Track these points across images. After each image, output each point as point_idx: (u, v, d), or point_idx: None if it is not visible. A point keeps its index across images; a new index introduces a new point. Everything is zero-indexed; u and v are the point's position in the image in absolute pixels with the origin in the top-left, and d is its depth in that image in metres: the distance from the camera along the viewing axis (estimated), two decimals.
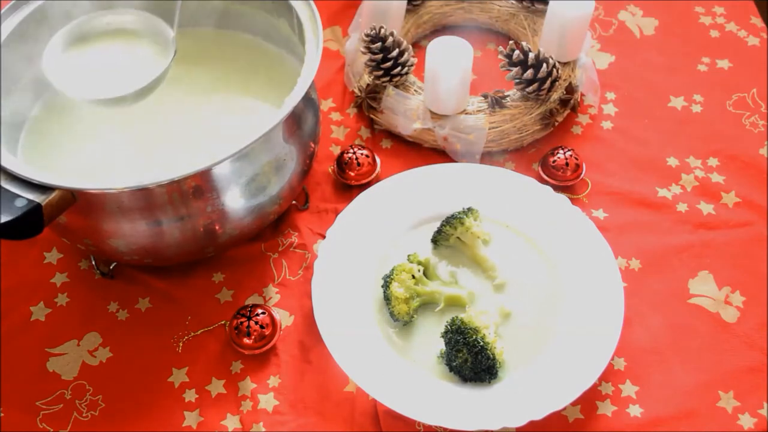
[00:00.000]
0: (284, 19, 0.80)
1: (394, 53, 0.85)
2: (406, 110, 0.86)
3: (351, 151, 0.84)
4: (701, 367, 0.72)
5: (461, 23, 0.99)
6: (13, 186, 0.63)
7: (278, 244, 0.81)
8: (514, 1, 0.96)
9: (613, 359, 0.72)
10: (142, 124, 0.79)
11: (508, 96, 0.87)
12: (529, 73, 0.83)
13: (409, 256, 0.76)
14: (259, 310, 0.73)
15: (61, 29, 0.74)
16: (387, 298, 0.73)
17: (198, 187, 0.67)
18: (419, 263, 0.75)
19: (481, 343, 0.68)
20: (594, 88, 0.91)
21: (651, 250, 0.80)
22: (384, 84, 0.87)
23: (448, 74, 0.81)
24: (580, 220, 0.78)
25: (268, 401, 0.71)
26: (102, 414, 0.71)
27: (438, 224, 0.79)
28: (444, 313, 0.74)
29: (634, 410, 0.70)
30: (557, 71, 0.84)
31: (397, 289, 0.72)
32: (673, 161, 0.87)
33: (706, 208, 0.83)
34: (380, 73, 0.86)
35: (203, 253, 0.75)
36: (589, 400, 0.70)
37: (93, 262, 0.79)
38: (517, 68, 0.84)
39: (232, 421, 0.70)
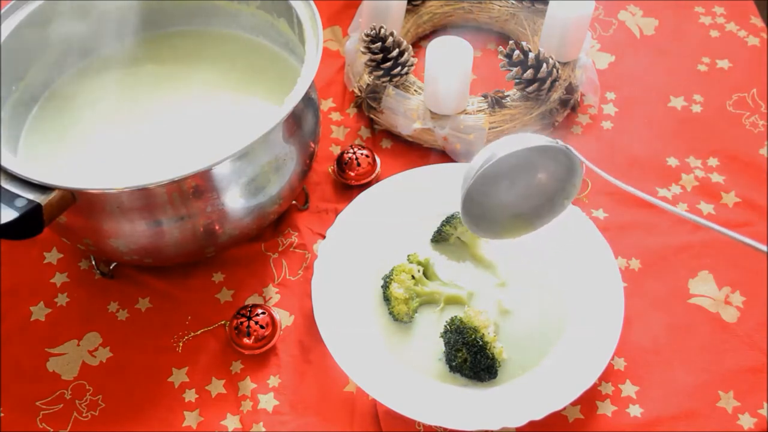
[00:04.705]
0: (284, 19, 0.80)
1: (394, 53, 0.85)
2: (406, 110, 0.86)
3: (351, 151, 0.84)
4: (701, 367, 0.72)
5: (461, 23, 0.99)
6: (13, 186, 0.62)
7: (278, 244, 0.81)
8: (514, 1, 0.96)
9: (613, 359, 0.72)
10: (142, 124, 0.79)
11: (508, 96, 0.87)
12: (529, 73, 0.83)
13: (408, 256, 0.76)
14: (259, 310, 0.73)
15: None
16: (387, 299, 0.73)
17: (198, 187, 0.67)
18: (419, 263, 0.75)
19: (480, 343, 0.68)
20: (594, 88, 0.91)
21: (651, 250, 0.80)
22: (384, 84, 0.87)
23: (448, 74, 0.81)
24: (580, 220, 0.78)
25: (268, 401, 0.71)
26: (102, 414, 0.71)
27: (438, 224, 0.79)
28: (444, 313, 0.74)
29: (634, 410, 0.70)
30: (557, 71, 0.84)
31: (396, 290, 0.72)
32: (673, 161, 0.87)
33: (706, 208, 0.83)
34: (380, 73, 0.86)
35: (203, 253, 0.75)
36: (589, 400, 0.70)
37: (93, 262, 0.79)
38: (517, 68, 0.84)
39: (232, 421, 0.70)
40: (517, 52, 0.84)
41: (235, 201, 0.70)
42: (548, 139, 0.64)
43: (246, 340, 0.72)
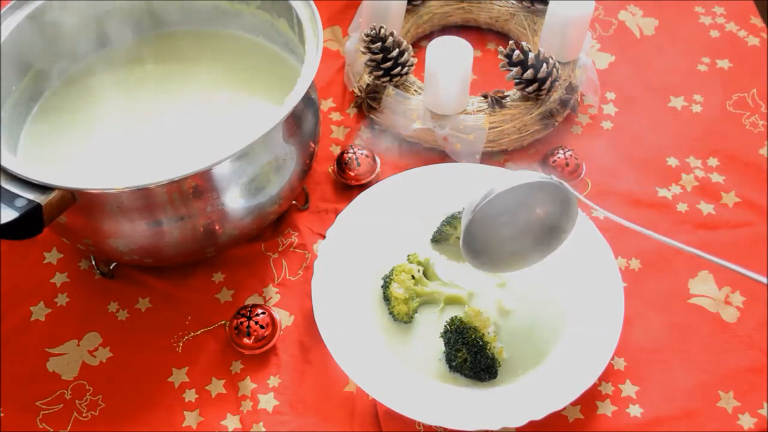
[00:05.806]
0: (284, 19, 0.80)
1: (394, 53, 0.85)
2: (406, 110, 0.86)
3: (351, 151, 0.84)
4: (701, 367, 0.72)
5: (461, 23, 0.99)
6: (13, 186, 0.63)
7: (278, 244, 0.81)
8: (514, 1, 0.96)
9: (613, 359, 0.72)
10: (142, 123, 0.79)
11: (508, 96, 0.87)
12: (529, 73, 0.83)
13: (408, 256, 0.76)
14: (259, 310, 0.73)
15: None
16: (386, 299, 0.73)
17: (198, 187, 0.67)
18: (419, 263, 0.75)
19: (480, 343, 0.68)
20: (594, 88, 0.91)
21: (651, 250, 0.80)
22: (384, 84, 0.87)
23: (448, 74, 0.81)
24: (580, 220, 0.78)
25: (268, 401, 0.71)
26: (102, 414, 0.71)
27: (438, 224, 0.79)
28: (444, 313, 0.74)
29: (634, 410, 0.70)
30: (557, 71, 0.84)
31: (396, 290, 0.72)
32: (673, 161, 0.87)
33: (706, 208, 0.83)
34: (380, 73, 0.86)
35: (203, 253, 0.75)
36: (589, 400, 0.70)
37: (93, 262, 0.79)
38: (517, 68, 0.84)
39: (232, 421, 0.70)
40: (517, 52, 0.84)
41: (235, 201, 0.70)
42: (542, 175, 0.66)
43: (246, 340, 0.72)
